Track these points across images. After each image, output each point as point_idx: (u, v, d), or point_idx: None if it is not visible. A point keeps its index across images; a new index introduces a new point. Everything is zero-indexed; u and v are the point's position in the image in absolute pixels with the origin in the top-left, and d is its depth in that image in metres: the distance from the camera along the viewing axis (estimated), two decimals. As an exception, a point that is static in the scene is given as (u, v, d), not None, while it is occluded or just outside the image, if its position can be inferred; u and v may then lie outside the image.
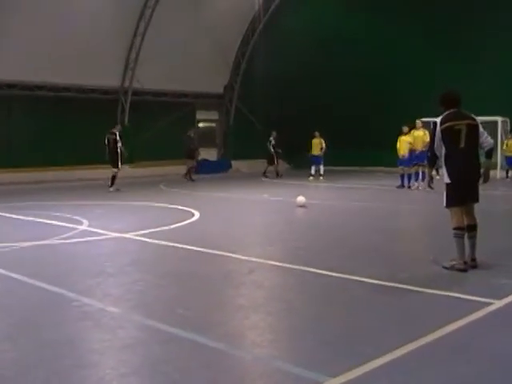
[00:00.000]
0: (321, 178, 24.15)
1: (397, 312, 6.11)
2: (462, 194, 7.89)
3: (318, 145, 24.47)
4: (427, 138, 18.60)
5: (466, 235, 7.86)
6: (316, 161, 24.64)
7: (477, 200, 8.01)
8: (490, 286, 6.94)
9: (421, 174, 19.41)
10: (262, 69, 31.36)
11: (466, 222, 7.91)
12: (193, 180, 24.56)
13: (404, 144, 20.11)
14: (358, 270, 7.79)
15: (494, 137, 23.51)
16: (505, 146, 22.27)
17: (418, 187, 19.45)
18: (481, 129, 8.03)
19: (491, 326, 5.56)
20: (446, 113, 8.07)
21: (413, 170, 19.91)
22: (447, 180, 7.93)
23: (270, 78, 31.29)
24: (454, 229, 7.84)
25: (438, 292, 6.67)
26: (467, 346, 5.08)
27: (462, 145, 7.81)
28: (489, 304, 6.10)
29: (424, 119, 25.68)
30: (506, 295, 6.41)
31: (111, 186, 19.71)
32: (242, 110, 33.63)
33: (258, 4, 32.08)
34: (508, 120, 24.27)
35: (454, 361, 4.74)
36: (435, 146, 7.97)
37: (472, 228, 7.96)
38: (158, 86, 29.73)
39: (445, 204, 8.06)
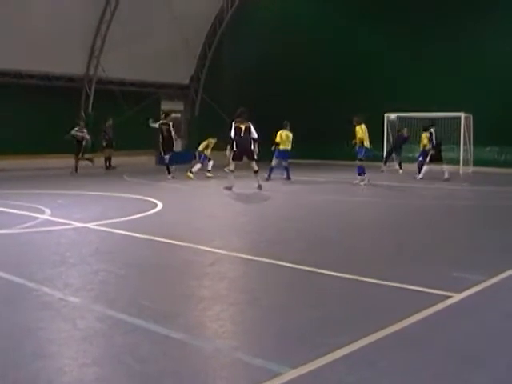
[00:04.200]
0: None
1: (357, 304, 6.16)
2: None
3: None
4: (359, 134, 19.42)
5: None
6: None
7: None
8: (450, 280, 7.03)
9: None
10: (229, 60, 31.34)
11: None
12: (114, 168, 24.54)
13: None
14: (319, 263, 7.84)
15: (457, 132, 23.97)
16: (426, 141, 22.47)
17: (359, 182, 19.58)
18: (252, 128, 17.09)
19: (450, 319, 5.64)
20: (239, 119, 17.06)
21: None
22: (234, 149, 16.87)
23: (236, 69, 31.31)
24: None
25: (399, 285, 6.74)
26: (426, 338, 5.14)
27: (242, 134, 16.66)
28: (448, 297, 6.18)
29: (389, 114, 26.16)
30: (466, 288, 6.50)
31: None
32: (207, 101, 33.52)
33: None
34: (471, 116, 24.64)
35: (414, 353, 4.80)
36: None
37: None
38: (122, 75, 29.49)
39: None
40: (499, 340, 5.13)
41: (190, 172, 20.96)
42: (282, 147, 20.56)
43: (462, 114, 24.36)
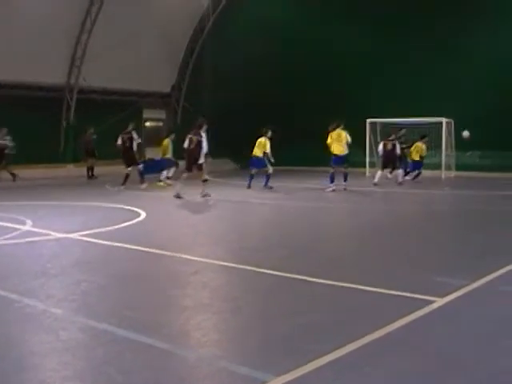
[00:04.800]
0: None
1: (342, 310, 6.17)
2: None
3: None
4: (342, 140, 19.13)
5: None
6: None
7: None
8: (434, 284, 7.06)
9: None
10: (211, 68, 31.30)
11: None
12: (96, 177, 24.45)
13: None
14: (302, 269, 7.85)
15: (439, 137, 24.14)
16: (420, 150, 22.79)
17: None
18: (203, 142, 16.54)
19: (434, 324, 5.66)
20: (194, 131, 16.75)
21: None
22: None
23: (218, 78, 31.24)
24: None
25: (383, 290, 6.76)
26: (411, 343, 5.15)
27: (192, 146, 16.48)
28: (432, 302, 6.21)
29: (372, 120, 26.27)
30: (448, 293, 6.53)
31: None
32: (189, 109, 33.49)
33: (207, 2, 32.04)
34: (452, 121, 24.82)
35: (399, 358, 4.80)
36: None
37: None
38: (104, 84, 29.39)
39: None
40: (481, 344, 5.15)
41: (160, 181, 21.32)
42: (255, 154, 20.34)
43: (444, 120, 24.53)
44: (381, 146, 21.66)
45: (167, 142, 22.05)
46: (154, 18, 29.41)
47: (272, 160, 20.05)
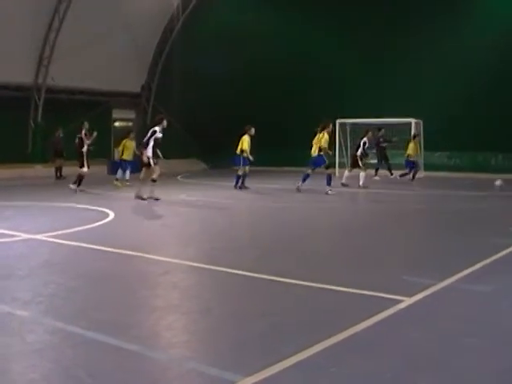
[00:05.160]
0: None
1: (311, 310, 6.19)
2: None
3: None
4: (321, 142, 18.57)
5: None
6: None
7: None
8: (402, 284, 7.13)
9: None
10: (180, 68, 31.21)
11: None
12: (64, 177, 24.09)
13: None
14: (272, 270, 7.85)
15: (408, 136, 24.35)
16: (411, 150, 22.85)
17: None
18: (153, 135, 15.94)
19: (401, 323, 5.71)
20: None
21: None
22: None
23: (188, 77, 31.17)
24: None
25: (351, 290, 6.80)
26: (378, 343, 5.19)
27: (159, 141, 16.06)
28: (399, 301, 6.25)
29: (342, 120, 26.42)
30: (416, 292, 6.59)
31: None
32: (159, 109, 33.31)
33: (177, 2, 31.93)
34: (421, 122, 25.06)
35: (365, 358, 4.83)
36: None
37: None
38: (72, 84, 29.11)
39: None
40: (446, 343, 5.20)
41: (116, 180, 21.21)
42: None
43: (413, 120, 24.75)
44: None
45: (128, 142, 21.80)
46: (123, 18, 29.22)
47: (251, 158, 19.69)
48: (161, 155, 16.50)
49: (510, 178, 23.88)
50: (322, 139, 18.50)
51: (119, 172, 21.67)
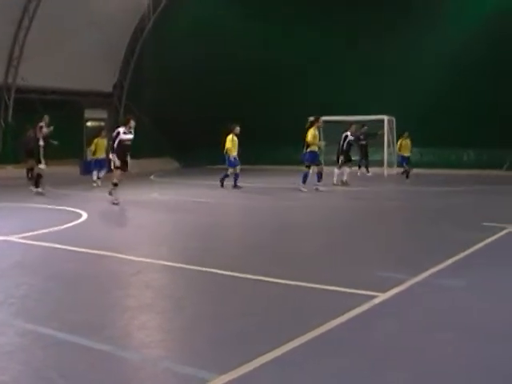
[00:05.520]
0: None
1: (286, 308, 6.18)
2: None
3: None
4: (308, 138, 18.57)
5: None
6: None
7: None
8: (375, 279, 7.16)
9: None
10: (152, 67, 31.02)
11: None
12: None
13: None
14: (247, 268, 7.83)
15: (381, 134, 24.51)
16: (398, 145, 22.78)
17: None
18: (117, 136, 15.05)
19: (375, 319, 5.73)
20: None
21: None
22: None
23: (160, 76, 31.03)
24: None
25: (326, 287, 6.80)
26: (353, 338, 5.20)
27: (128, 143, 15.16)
28: (373, 297, 6.28)
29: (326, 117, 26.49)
30: (390, 288, 6.62)
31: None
32: (132, 108, 33.13)
33: (147, 2, 31.77)
34: (394, 119, 25.22)
35: (339, 354, 4.83)
36: None
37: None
38: (43, 84, 28.81)
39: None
40: (420, 338, 5.23)
41: (94, 181, 21.04)
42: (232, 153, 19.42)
43: (385, 117, 24.90)
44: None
45: (100, 141, 21.71)
46: (94, 16, 28.95)
47: (231, 158, 19.44)
48: (128, 159, 15.44)
49: (481, 174, 24.24)
50: (308, 134, 18.52)
51: (94, 173, 21.48)
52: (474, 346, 5.03)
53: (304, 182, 18.46)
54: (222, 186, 19.73)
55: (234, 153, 19.41)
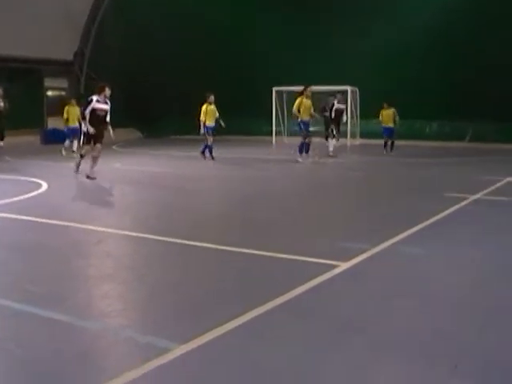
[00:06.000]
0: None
1: (246, 277, 6.21)
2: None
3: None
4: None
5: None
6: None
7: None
8: (337, 249, 7.23)
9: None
10: (114, 34, 30.48)
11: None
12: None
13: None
14: (208, 238, 7.85)
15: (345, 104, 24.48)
16: (380, 117, 22.15)
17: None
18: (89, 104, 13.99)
19: (336, 288, 5.79)
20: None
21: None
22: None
23: (123, 44, 30.49)
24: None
25: (286, 256, 6.85)
26: (312, 308, 5.25)
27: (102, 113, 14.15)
28: (335, 266, 6.33)
29: (278, 88, 26.42)
30: (352, 257, 6.68)
31: None
32: (93, 77, 32.57)
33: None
34: (357, 89, 25.27)
35: (300, 323, 4.89)
36: None
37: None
38: (1, 51, 28.12)
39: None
40: (378, 305, 5.32)
41: (72, 151, 20.36)
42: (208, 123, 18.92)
43: (349, 88, 24.93)
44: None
45: (71, 108, 21.28)
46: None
47: (201, 129, 18.98)
48: (111, 132, 14.48)
49: (444, 146, 24.53)
50: (295, 104, 18.34)
51: (67, 142, 21.18)
52: (430, 312, 5.12)
53: (300, 152, 18.43)
54: (205, 158, 19.23)
55: (208, 122, 19.00)
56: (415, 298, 5.46)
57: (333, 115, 20.72)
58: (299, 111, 18.22)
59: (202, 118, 18.96)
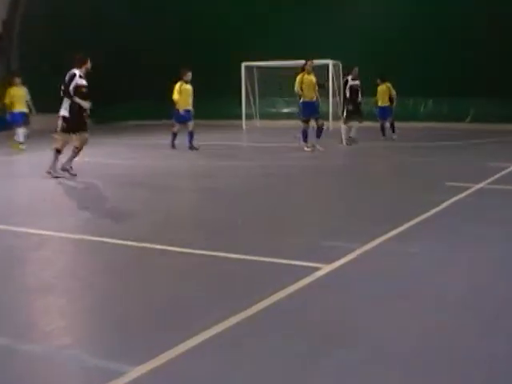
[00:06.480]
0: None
1: (220, 282, 6.20)
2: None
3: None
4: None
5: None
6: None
7: None
8: (320, 250, 7.27)
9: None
10: (47, 5, 30.08)
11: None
12: None
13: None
14: (169, 239, 7.86)
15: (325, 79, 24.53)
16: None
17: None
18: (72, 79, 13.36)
19: (319, 292, 5.81)
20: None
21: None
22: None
23: (58, 18, 30.11)
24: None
25: (263, 259, 6.86)
26: (293, 314, 5.25)
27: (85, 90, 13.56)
28: (317, 269, 6.34)
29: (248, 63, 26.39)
30: (335, 259, 6.70)
31: None
32: (28, 55, 32.14)
33: None
34: (340, 63, 25.34)
35: (279, 331, 4.88)
36: None
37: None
38: None
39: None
40: (368, 310, 5.35)
41: (20, 143, 19.56)
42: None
43: (330, 62, 24.94)
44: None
45: (15, 90, 20.03)
46: None
47: (181, 112, 18.77)
48: (87, 107, 13.93)
49: (442, 127, 24.70)
50: (296, 83, 18.21)
51: (19, 130, 19.73)
52: (422, 316, 5.18)
53: (305, 140, 18.28)
54: (173, 146, 19.16)
55: (184, 105, 18.76)
56: (407, 303, 5.51)
57: (347, 94, 20.16)
58: (302, 89, 18.07)
59: (178, 98, 18.65)
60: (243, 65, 26.67)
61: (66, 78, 13.53)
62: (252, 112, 28.12)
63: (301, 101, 18.33)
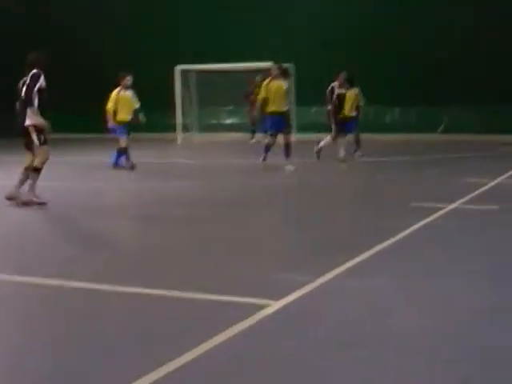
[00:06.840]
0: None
1: (147, 325, 6.12)
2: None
3: None
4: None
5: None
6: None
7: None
8: (269, 284, 7.26)
9: None
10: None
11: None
12: None
13: None
14: (91, 275, 7.77)
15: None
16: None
17: None
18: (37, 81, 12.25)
19: (263, 335, 5.77)
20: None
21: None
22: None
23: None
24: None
25: (200, 296, 6.81)
26: (235, 359, 5.22)
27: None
28: (264, 307, 6.32)
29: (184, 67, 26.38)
30: (286, 294, 6.67)
31: None
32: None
33: None
34: (293, 66, 25.55)
35: (220, 379, 4.84)
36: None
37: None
38: None
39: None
40: (324, 357, 5.29)
41: None
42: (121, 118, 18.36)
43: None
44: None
45: None
46: None
47: (110, 125, 18.49)
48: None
49: (410, 139, 24.93)
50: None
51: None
52: (388, 364, 5.13)
53: (265, 152, 18.07)
54: (117, 164, 18.67)
55: (121, 116, 18.31)
56: (368, 347, 5.44)
57: (336, 103, 19.83)
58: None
59: (110, 107, 18.23)
60: (178, 68, 26.50)
61: (29, 78, 12.48)
62: (187, 122, 28.00)
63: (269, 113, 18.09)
